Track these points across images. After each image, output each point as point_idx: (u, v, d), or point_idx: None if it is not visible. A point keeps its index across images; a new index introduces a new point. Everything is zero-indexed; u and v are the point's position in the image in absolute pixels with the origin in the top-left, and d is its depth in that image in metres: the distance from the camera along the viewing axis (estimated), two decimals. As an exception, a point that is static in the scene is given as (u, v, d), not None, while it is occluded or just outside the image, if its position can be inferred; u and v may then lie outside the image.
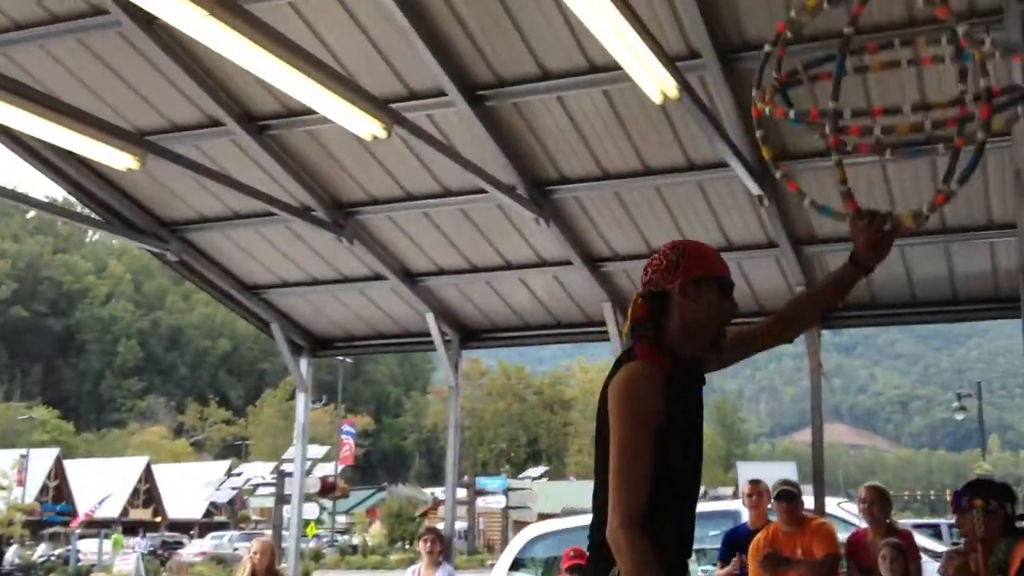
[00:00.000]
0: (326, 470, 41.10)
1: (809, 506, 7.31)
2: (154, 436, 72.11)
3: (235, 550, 38.01)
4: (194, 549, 42.82)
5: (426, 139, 6.66)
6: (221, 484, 42.39)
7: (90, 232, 71.38)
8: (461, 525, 41.62)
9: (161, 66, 7.22)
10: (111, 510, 48.59)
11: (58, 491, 52.99)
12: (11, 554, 35.69)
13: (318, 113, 6.07)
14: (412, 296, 9.42)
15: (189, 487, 54.00)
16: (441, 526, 9.46)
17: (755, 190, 7.18)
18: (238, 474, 43.90)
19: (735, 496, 11.07)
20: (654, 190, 7.83)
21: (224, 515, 56.32)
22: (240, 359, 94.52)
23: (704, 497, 14.56)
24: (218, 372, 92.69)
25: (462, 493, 40.48)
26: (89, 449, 69.83)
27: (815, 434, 8.08)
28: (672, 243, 3.04)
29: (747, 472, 20.47)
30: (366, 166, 8.14)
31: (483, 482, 46.72)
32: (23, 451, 49.00)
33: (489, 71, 6.99)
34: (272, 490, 34.11)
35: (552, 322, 9.75)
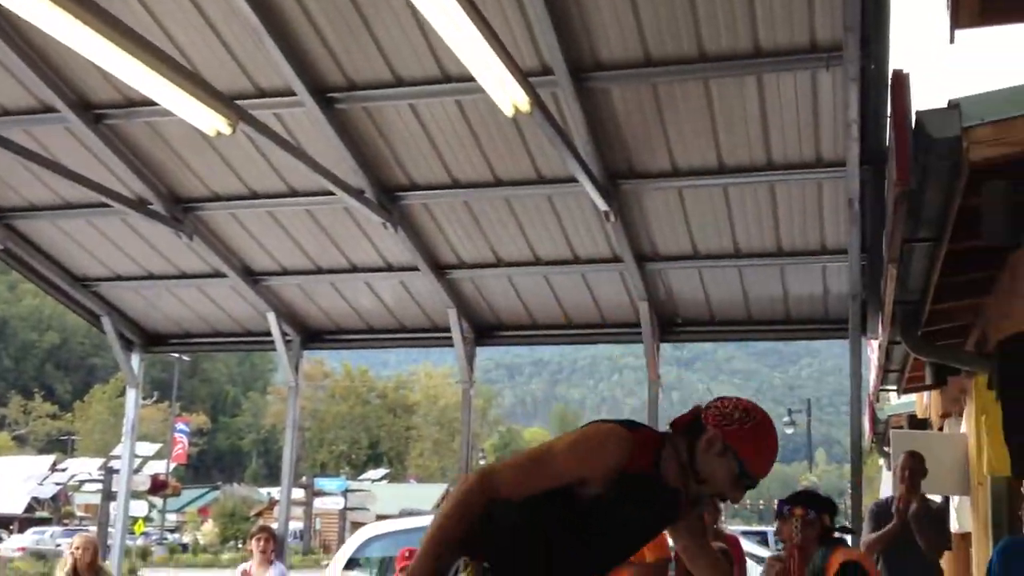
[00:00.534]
0: (157, 468, 39.94)
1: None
2: (-27, 428, 68.62)
3: (57, 546, 36.47)
4: (14, 544, 40.88)
5: (273, 138, 6.56)
6: (44, 479, 40.73)
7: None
8: (297, 525, 41.08)
9: (-9, 46, 6.90)
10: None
11: None
12: None
13: (159, 105, 5.90)
14: (253, 295, 9.24)
15: (10, 481, 51.55)
16: (276, 526, 9.29)
17: (602, 206, 7.32)
18: (63, 469, 42.26)
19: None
20: (504, 201, 7.90)
21: (47, 511, 53.99)
22: (69, 353, 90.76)
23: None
24: (44, 365, 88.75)
25: (299, 494, 39.95)
26: (-97, 439, 65.93)
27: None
28: (753, 407, 2.99)
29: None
30: (209, 162, 7.94)
31: (321, 483, 46.25)
32: None
33: (341, 74, 6.92)
34: (99, 486, 32.96)
35: (397, 326, 9.72)
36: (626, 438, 2.82)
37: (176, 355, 43.97)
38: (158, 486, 37.29)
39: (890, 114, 5.46)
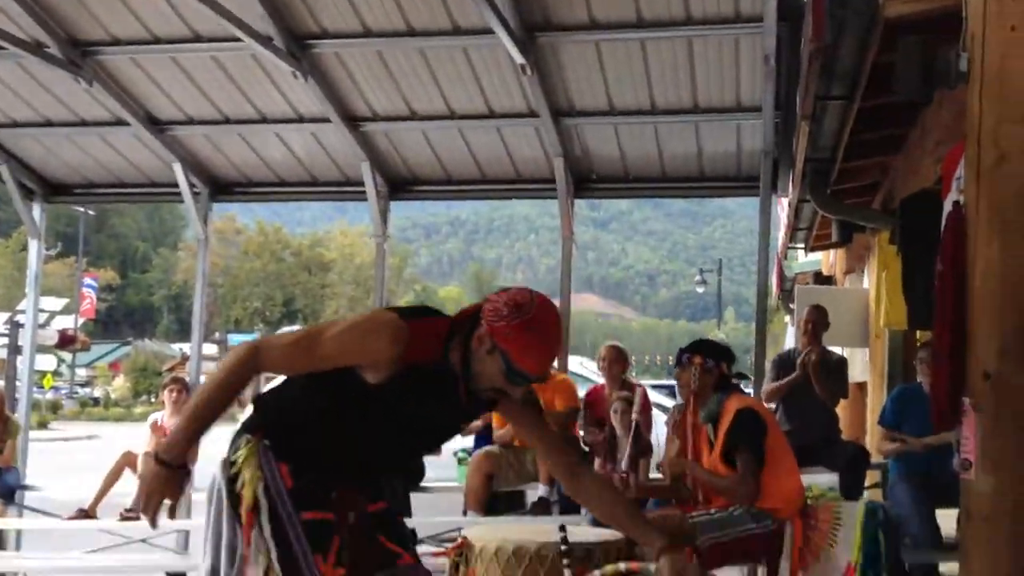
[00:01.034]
0: (65, 323, 39.35)
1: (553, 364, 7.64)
2: None
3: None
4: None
5: (177, -23, 6.27)
6: (-53, 334, 39.83)
7: None
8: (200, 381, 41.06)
9: None
10: None
11: None
12: None
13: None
14: (158, 145, 8.95)
15: (-88, 335, 50.39)
16: (188, 379, 9.25)
17: (519, 59, 7.21)
18: (-34, 323, 41.35)
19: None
20: (418, 52, 7.71)
21: (-50, 367, 53.13)
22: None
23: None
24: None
25: (212, 349, 39.80)
26: None
27: (563, 298, 8.38)
28: (528, 302, 2.80)
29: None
30: (108, 4, 7.57)
31: (235, 339, 46.05)
32: None
33: (249, -91, 6.61)
34: (4, 340, 32.37)
35: (309, 179, 9.56)
36: (402, 328, 2.75)
37: (81, 208, 42.88)
38: (66, 340, 36.82)
39: (808, -32, 5.43)
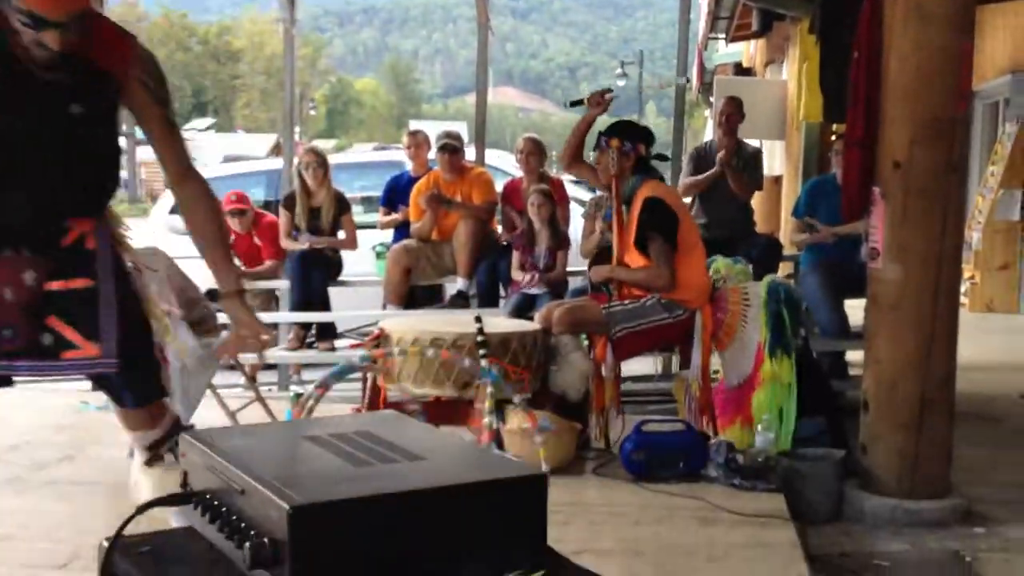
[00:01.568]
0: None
1: (470, 158, 7.57)
2: None
3: None
4: None
5: None
6: None
7: None
8: (122, 175, 40.14)
9: None
10: None
11: None
12: None
13: None
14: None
15: None
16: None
17: None
18: None
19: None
20: None
21: None
22: None
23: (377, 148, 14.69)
24: None
25: (121, 141, 38.70)
26: None
27: (480, 89, 8.21)
28: None
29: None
30: None
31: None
32: None
33: None
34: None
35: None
36: None
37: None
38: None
39: None
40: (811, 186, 6.67)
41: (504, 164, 9.77)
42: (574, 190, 9.05)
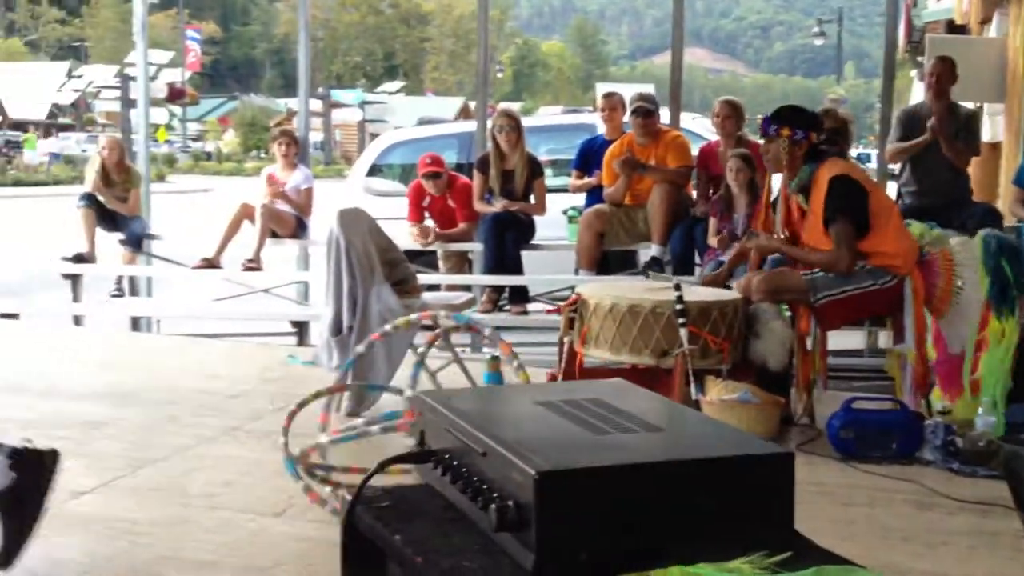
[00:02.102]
0: (173, 76, 39.74)
1: (665, 121, 7.44)
2: (-16, 33, 67.75)
3: (83, 151, 37.20)
4: (40, 150, 41.65)
5: None
6: (62, 85, 40.70)
7: None
8: (317, 137, 41.53)
9: None
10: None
11: None
12: None
13: None
14: None
15: (28, 88, 51.64)
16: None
17: None
18: (79, 76, 42.09)
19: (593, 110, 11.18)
20: None
21: (68, 117, 54.57)
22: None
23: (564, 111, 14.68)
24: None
25: (317, 105, 39.97)
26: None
27: (675, 48, 8.04)
28: None
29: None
30: None
31: (338, 94, 46.17)
32: None
33: None
34: (117, 94, 32.94)
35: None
36: None
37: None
38: (175, 94, 37.33)
39: None
40: (1035, 153, 6.26)
41: (696, 127, 9.56)
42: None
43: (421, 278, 5.40)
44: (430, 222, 7.55)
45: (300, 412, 3.23)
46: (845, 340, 5.87)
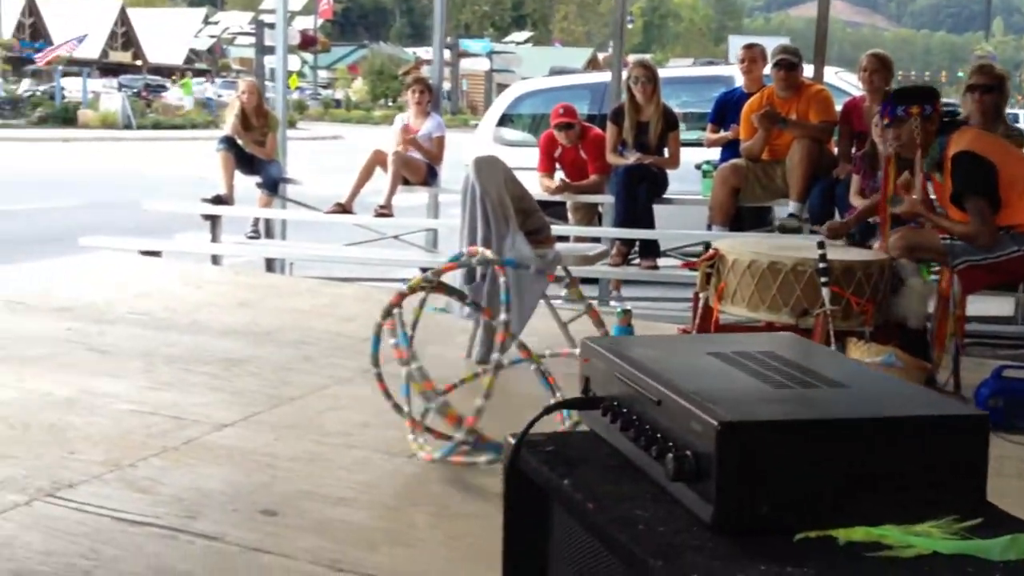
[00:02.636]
0: (305, 23, 40.37)
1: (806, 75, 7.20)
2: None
3: (219, 96, 38.19)
4: (177, 94, 42.92)
5: None
6: (199, 31, 41.76)
7: None
8: (445, 86, 41.80)
9: None
10: (90, 51, 48.12)
11: (34, 28, 52.07)
12: (-4, 86, 35.72)
13: None
14: None
15: (167, 33, 53.20)
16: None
17: None
18: (215, 22, 43.13)
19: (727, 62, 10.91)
20: None
21: (204, 63, 56.05)
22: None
23: (695, 63, 14.39)
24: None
25: (445, 55, 40.23)
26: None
27: (821, 2, 7.78)
28: None
29: (738, 45, 20.11)
30: None
31: (466, 44, 46.32)
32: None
33: None
34: (252, 40, 33.65)
35: None
36: None
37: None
38: (307, 42, 37.96)
39: None
40: None
41: (837, 81, 9.24)
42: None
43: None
44: (560, 173, 7.51)
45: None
46: (995, 306, 5.64)
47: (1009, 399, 3.77)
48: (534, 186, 7.04)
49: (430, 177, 7.87)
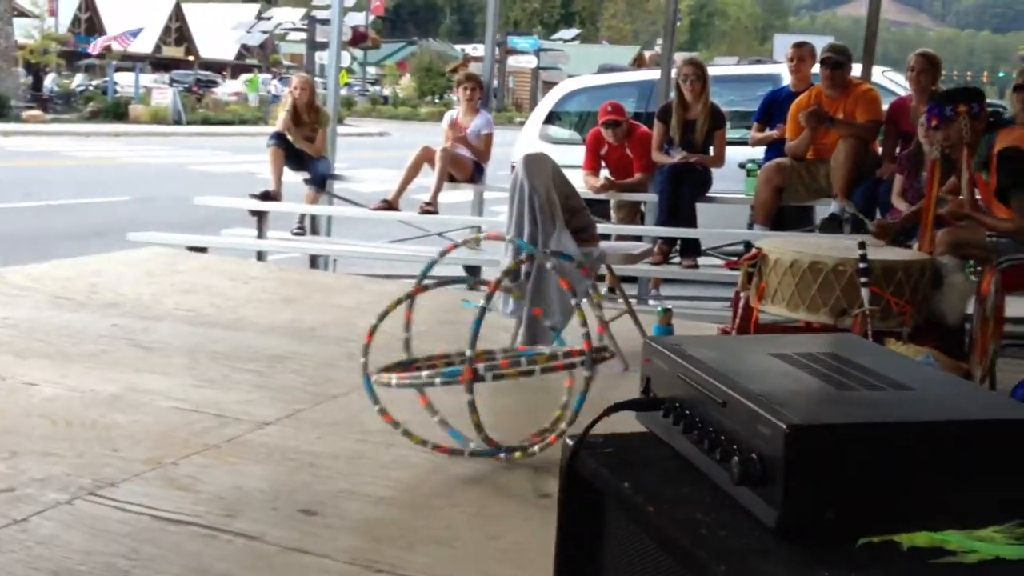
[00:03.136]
0: (356, 19, 40.55)
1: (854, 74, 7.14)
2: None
3: (269, 92, 38.53)
4: (228, 89, 43.33)
5: None
6: (252, 27, 42.05)
7: None
8: (495, 83, 41.77)
9: None
10: (144, 46, 48.74)
11: (90, 23, 52.83)
12: (49, 81, 36.24)
13: None
14: None
15: (219, 28, 53.65)
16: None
17: None
18: (268, 18, 43.42)
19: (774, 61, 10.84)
20: None
21: (255, 58, 56.51)
22: None
23: (740, 62, 14.30)
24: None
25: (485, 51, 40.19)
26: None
27: (872, 2, 7.72)
28: None
29: (785, 44, 19.93)
30: None
31: (514, 41, 46.25)
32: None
33: None
34: (303, 36, 33.88)
35: None
36: None
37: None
38: (358, 38, 38.13)
39: None
40: None
41: (884, 81, 9.15)
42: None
43: (593, 227, 5.37)
44: (605, 171, 7.51)
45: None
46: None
47: (1049, 403, 3.72)
48: (579, 184, 7.05)
49: (476, 174, 7.89)
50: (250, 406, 3.71)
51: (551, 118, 9.85)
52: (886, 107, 6.84)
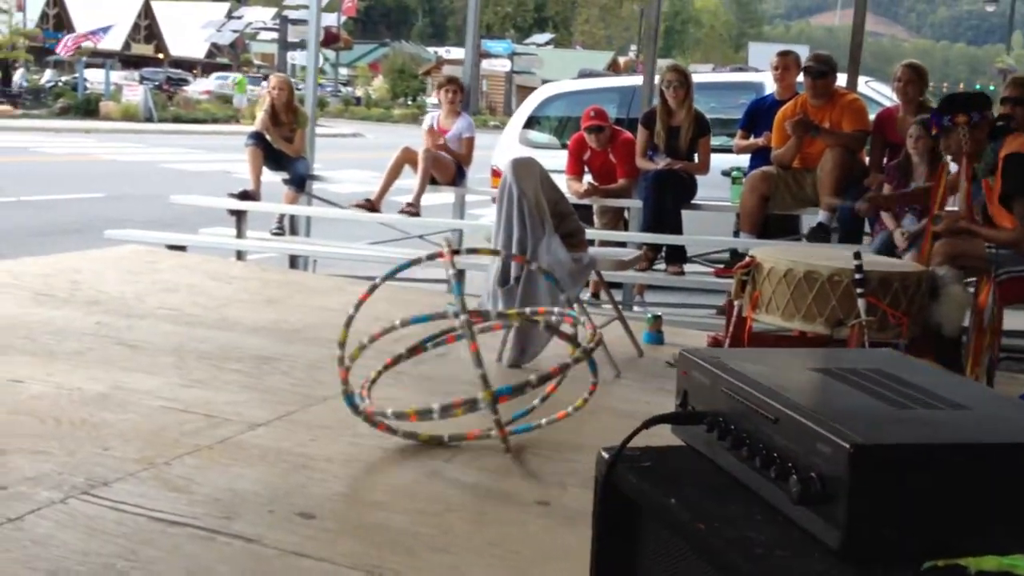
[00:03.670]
0: (328, 20, 40.35)
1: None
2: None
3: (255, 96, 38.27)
4: (198, 87, 43.01)
5: None
6: (222, 26, 41.69)
7: None
8: (477, 85, 41.76)
9: None
10: (113, 43, 48.27)
11: (58, 19, 52.29)
12: (19, 77, 35.80)
13: None
14: None
15: (189, 26, 53.27)
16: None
17: None
18: (238, 17, 43.10)
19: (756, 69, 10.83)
20: None
21: (226, 57, 56.14)
22: None
23: (716, 69, 14.32)
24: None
25: (459, 54, 40.19)
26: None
27: (857, 11, 7.76)
28: None
29: (759, 52, 20.03)
30: None
31: (488, 45, 46.23)
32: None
33: None
34: (274, 35, 33.68)
35: None
36: None
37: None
38: (330, 39, 37.95)
39: None
40: None
41: (867, 91, 9.18)
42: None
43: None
44: (588, 176, 7.47)
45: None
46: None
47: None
48: (562, 189, 7.00)
49: (458, 177, 7.83)
50: (240, 407, 3.64)
51: (531, 122, 9.80)
52: (872, 117, 6.84)
